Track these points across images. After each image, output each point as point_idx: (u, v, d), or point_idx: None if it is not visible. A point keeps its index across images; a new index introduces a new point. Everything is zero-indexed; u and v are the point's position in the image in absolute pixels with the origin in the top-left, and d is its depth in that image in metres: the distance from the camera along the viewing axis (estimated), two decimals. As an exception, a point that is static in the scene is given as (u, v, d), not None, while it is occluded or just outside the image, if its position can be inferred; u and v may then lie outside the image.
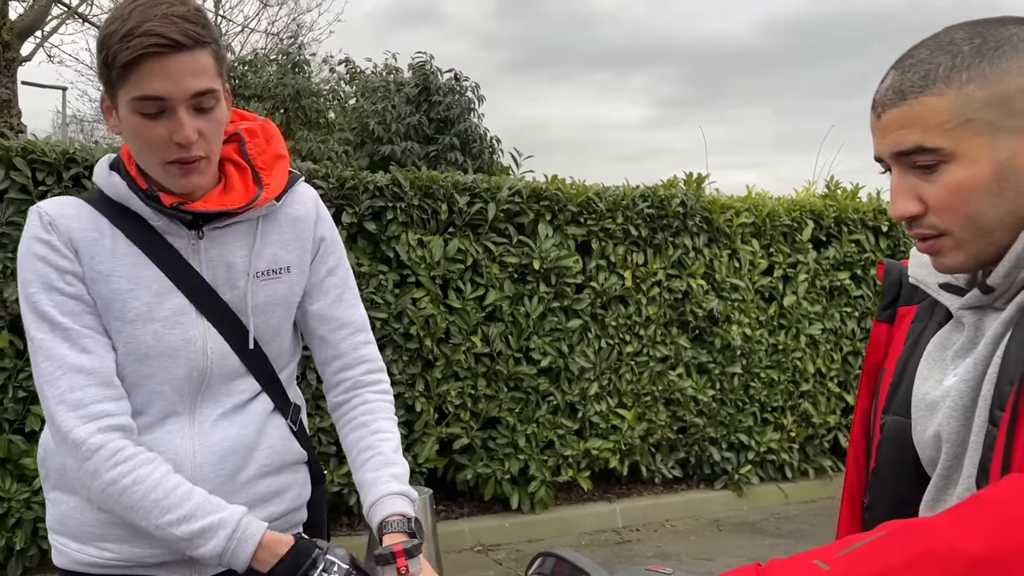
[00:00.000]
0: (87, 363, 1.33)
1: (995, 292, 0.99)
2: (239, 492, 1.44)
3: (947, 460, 1.02)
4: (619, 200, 5.34)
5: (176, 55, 1.25)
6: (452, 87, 7.53)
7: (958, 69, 0.94)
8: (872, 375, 1.19)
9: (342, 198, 4.53)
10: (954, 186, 0.95)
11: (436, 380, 4.81)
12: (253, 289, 1.44)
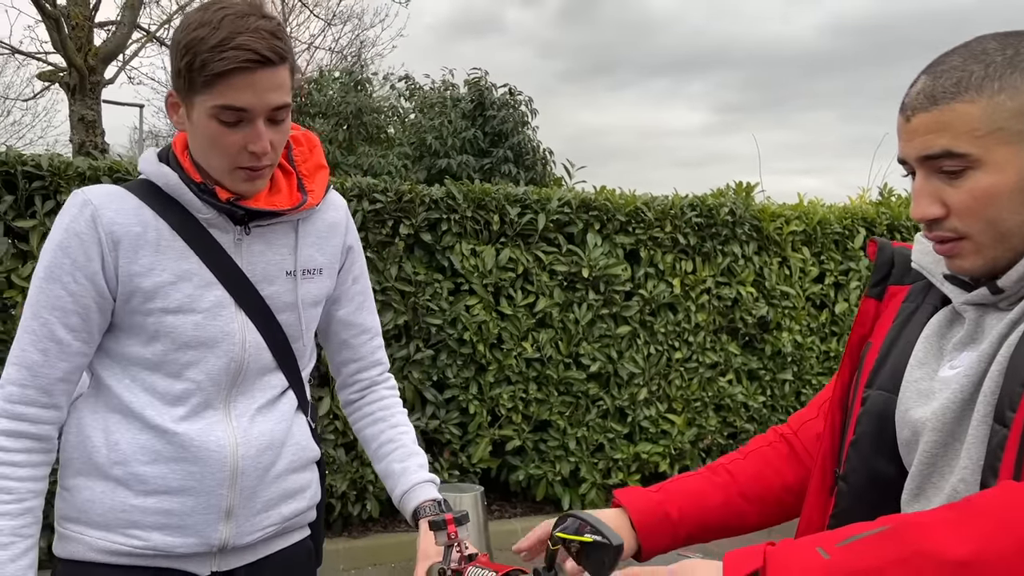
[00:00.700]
0: (38, 363, 1.36)
1: (1003, 294, 1.01)
2: (271, 486, 1.47)
3: (932, 448, 1.03)
4: (667, 209, 5.45)
5: (263, 70, 1.28)
6: (506, 101, 7.74)
7: (990, 78, 0.95)
8: (856, 348, 1.19)
9: (399, 211, 4.76)
10: (979, 192, 0.97)
11: (489, 384, 4.99)
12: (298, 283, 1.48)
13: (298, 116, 7.42)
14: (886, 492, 1.09)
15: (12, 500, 1.33)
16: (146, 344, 1.39)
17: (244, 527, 1.44)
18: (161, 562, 1.42)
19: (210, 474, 1.40)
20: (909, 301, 1.15)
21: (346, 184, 4.68)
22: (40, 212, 4.01)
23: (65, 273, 1.34)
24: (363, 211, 4.66)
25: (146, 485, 1.39)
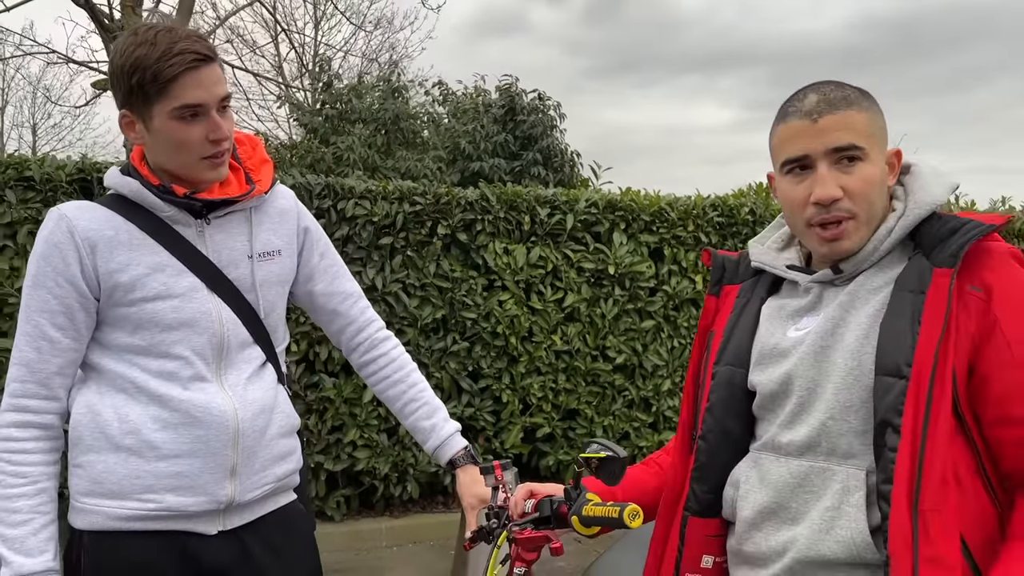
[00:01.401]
0: (34, 360, 1.51)
1: (842, 275, 1.29)
2: (268, 447, 1.63)
3: (802, 395, 1.28)
4: (690, 209, 5.73)
5: (206, 67, 1.48)
6: (536, 106, 8.03)
7: (861, 100, 1.28)
8: (703, 337, 1.45)
9: (437, 212, 5.09)
10: (866, 178, 1.25)
11: (520, 374, 5.30)
12: (255, 267, 1.64)
13: (339, 122, 7.79)
14: (735, 446, 1.36)
15: (27, 483, 1.49)
16: (132, 333, 1.54)
17: (246, 484, 1.59)
18: (173, 524, 1.55)
19: (215, 436, 1.55)
20: (741, 296, 1.43)
21: (388, 188, 5.02)
22: (113, 215, 4.40)
23: (49, 279, 1.50)
24: (404, 212, 4.99)
25: (157, 451, 1.52)
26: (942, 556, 1.11)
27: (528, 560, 1.48)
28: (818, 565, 1.21)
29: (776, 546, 1.26)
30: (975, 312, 1.18)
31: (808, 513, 1.24)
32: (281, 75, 17.07)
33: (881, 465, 1.18)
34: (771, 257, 1.41)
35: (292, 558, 1.68)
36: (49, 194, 4.26)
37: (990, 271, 1.20)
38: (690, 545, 1.37)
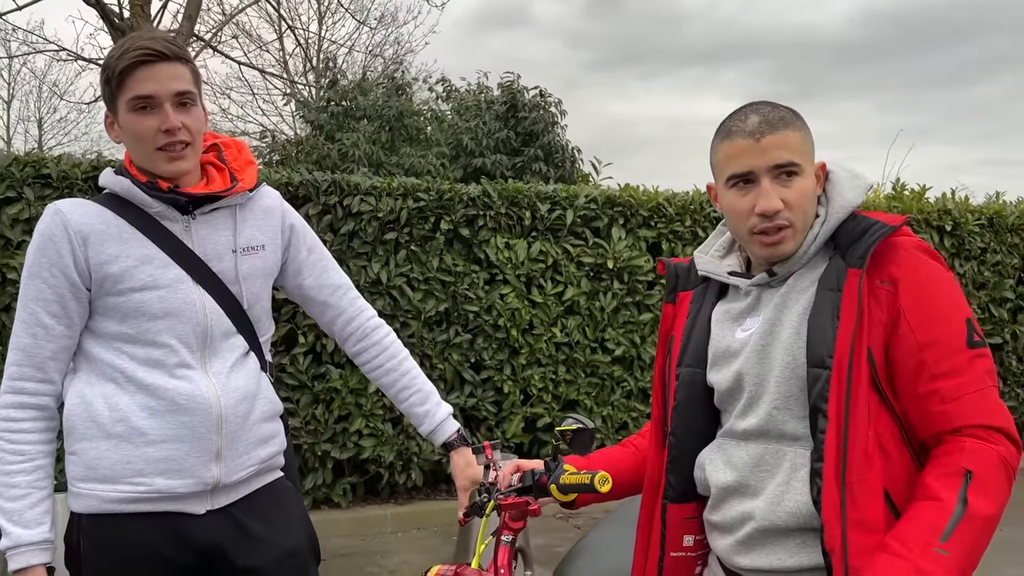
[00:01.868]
0: (29, 345, 1.62)
1: (776, 277, 1.42)
2: (250, 431, 1.71)
3: (751, 389, 1.41)
4: (687, 205, 5.86)
5: (161, 63, 1.58)
6: (537, 103, 8.16)
7: (794, 120, 1.40)
8: (664, 342, 1.57)
9: (440, 208, 5.23)
10: (802, 191, 1.38)
11: (521, 366, 5.45)
12: (239, 261, 1.71)
13: (344, 119, 7.93)
14: (702, 437, 1.50)
15: (25, 460, 1.59)
16: (121, 322, 1.62)
17: (231, 466, 1.67)
18: (163, 505, 1.63)
19: (200, 423, 1.63)
20: (694, 302, 1.56)
21: (392, 184, 5.16)
22: (127, 211, 4.55)
23: (43, 269, 1.60)
24: (408, 208, 5.13)
25: (146, 437, 1.60)
26: (866, 520, 1.28)
27: (515, 528, 1.63)
28: (773, 532, 1.37)
29: (739, 516, 1.41)
30: (885, 303, 1.33)
31: (764, 489, 1.39)
32: (286, 71, 17.21)
33: (815, 446, 1.32)
34: (714, 265, 1.54)
35: (285, 527, 1.75)
36: (66, 191, 4.42)
37: (896, 266, 1.34)
38: (671, 528, 1.52)
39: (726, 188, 1.42)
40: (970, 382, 1.30)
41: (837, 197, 1.42)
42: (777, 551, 1.37)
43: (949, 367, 1.30)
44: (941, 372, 1.30)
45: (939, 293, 1.34)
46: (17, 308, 1.64)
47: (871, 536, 1.27)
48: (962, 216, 6.60)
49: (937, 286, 1.35)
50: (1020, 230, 6.83)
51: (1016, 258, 6.80)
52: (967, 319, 1.34)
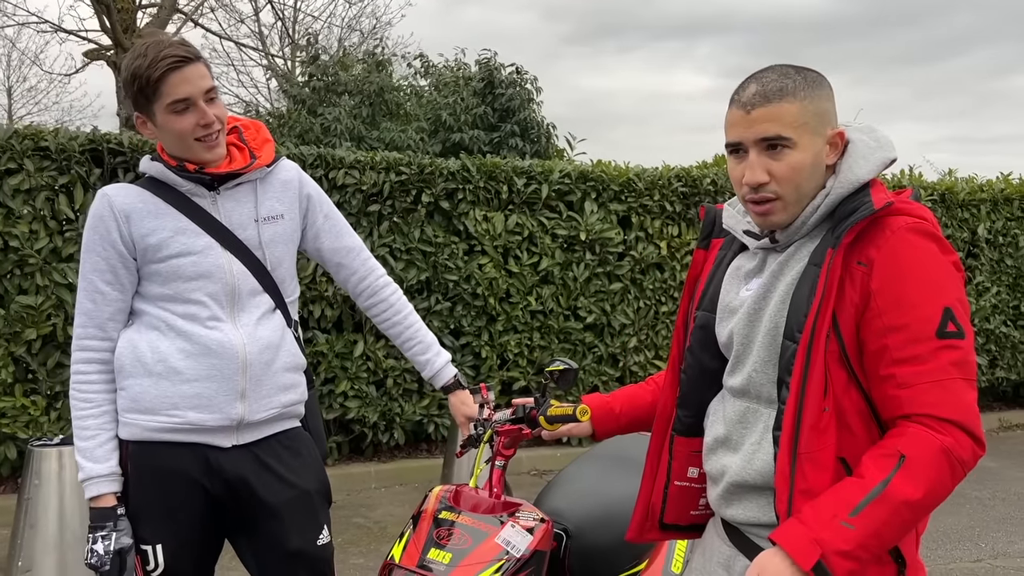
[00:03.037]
0: (91, 310, 1.88)
1: (779, 243, 1.43)
2: (273, 378, 1.94)
3: (738, 349, 1.45)
4: (656, 180, 6.15)
5: (188, 66, 1.79)
6: (513, 80, 8.38)
7: (800, 89, 1.35)
8: (691, 285, 1.59)
9: (421, 181, 5.47)
10: (793, 164, 1.34)
11: (498, 332, 5.74)
12: (261, 229, 1.94)
13: (325, 94, 8.10)
14: (711, 378, 1.55)
15: (93, 406, 1.88)
16: (163, 284, 1.88)
17: (254, 407, 1.91)
18: (194, 436, 1.88)
19: (227, 365, 1.87)
20: (722, 250, 1.58)
21: (376, 158, 5.39)
22: (122, 182, 4.74)
23: (96, 245, 1.87)
24: (390, 182, 5.37)
25: (181, 376, 1.86)
26: (812, 489, 1.30)
27: (506, 455, 1.93)
28: (745, 488, 1.43)
29: (720, 469, 1.48)
30: (859, 284, 1.31)
31: (743, 445, 1.44)
32: (262, 42, 17.18)
33: (777, 414, 1.36)
34: (735, 220, 1.53)
35: (300, 470, 1.98)
36: (64, 163, 4.61)
37: (876, 248, 1.31)
38: (678, 459, 1.59)
39: (728, 154, 1.44)
40: (929, 372, 1.26)
41: (847, 171, 1.37)
42: (750, 506, 1.43)
43: (910, 354, 1.27)
44: (901, 358, 1.27)
45: (915, 278, 1.29)
46: (79, 279, 1.91)
47: None
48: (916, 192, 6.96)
49: (915, 271, 1.29)
50: (970, 206, 7.21)
51: (966, 232, 7.18)
52: (945, 307, 1.28)
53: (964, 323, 1.29)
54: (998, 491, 5.47)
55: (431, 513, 1.83)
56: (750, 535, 1.45)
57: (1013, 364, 7.44)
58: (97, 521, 1.85)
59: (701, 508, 1.64)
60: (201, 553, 1.97)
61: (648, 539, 1.68)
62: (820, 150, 1.37)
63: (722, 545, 1.52)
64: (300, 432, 2.05)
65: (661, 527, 1.65)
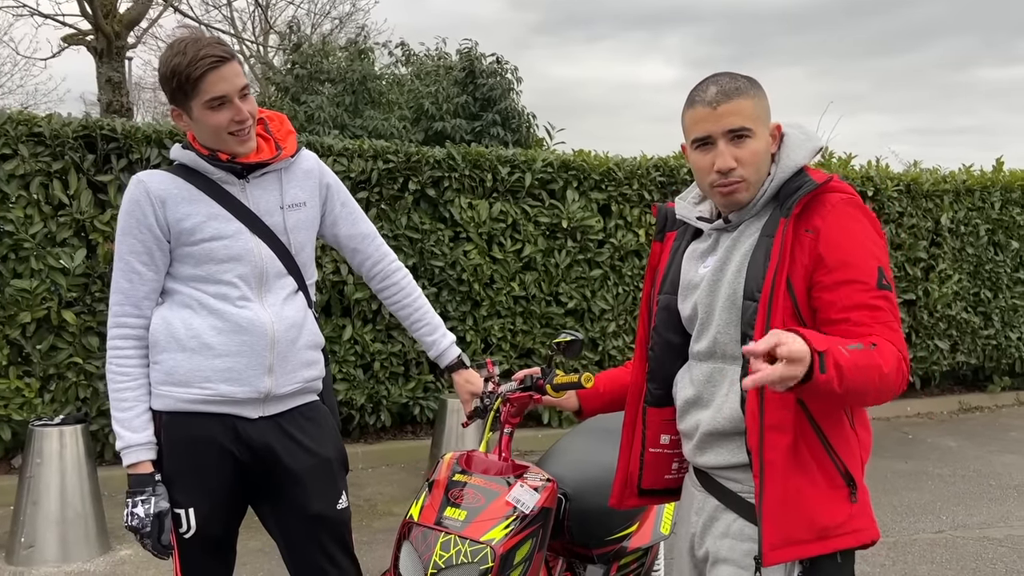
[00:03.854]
0: (127, 289, 1.99)
1: (731, 223, 1.64)
2: (297, 354, 2.06)
3: (702, 318, 1.66)
4: (635, 170, 6.33)
5: (224, 65, 1.89)
6: (494, 70, 8.50)
7: (749, 89, 1.59)
8: (651, 273, 1.81)
9: (408, 169, 5.60)
10: (753, 151, 1.57)
11: (482, 317, 5.89)
12: (286, 215, 2.06)
13: (309, 82, 8.16)
14: (676, 353, 1.75)
15: (130, 379, 1.99)
16: (196, 266, 1.98)
17: (280, 380, 2.03)
18: (224, 408, 2.00)
19: (257, 342, 1.99)
20: (676, 240, 1.80)
21: (363, 146, 5.51)
22: (115, 168, 4.82)
23: (133, 228, 1.97)
24: (378, 169, 5.49)
25: (214, 351, 1.97)
26: (779, 423, 1.50)
27: (513, 423, 2.09)
28: (717, 436, 1.63)
29: (694, 424, 1.68)
30: (808, 248, 1.53)
31: (713, 400, 1.64)
32: (234, 27, 17.12)
33: (743, 365, 1.55)
34: (688, 211, 1.77)
35: (320, 440, 2.12)
36: (58, 148, 4.67)
37: (820, 218, 1.54)
38: (651, 428, 1.79)
39: (692, 149, 1.64)
40: (878, 315, 1.50)
41: (786, 158, 1.61)
42: (721, 451, 1.63)
43: (859, 302, 1.49)
44: (852, 305, 1.49)
45: (856, 243, 1.52)
46: (115, 260, 2.02)
47: (783, 436, 1.50)
48: (883, 183, 7.22)
49: (853, 236, 1.53)
50: (934, 196, 7.48)
51: (930, 221, 7.45)
52: (878, 266, 1.52)
53: (890, 278, 1.54)
54: (958, 468, 5.75)
55: (445, 477, 1.99)
56: (720, 478, 1.66)
57: (973, 349, 7.75)
58: (136, 487, 1.96)
59: (674, 472, 1.83)
60: (228, 517, 2.11)
61: (628, 505, 1.86)
62: (768, 141, 1.61)
63: (695, 492, 1.72)
64: (319, 405, 2.17)
65: (640, 493, 1.83)
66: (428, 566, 1.82)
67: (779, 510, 1.49)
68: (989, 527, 4.55)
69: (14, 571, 3.78)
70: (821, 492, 1.52)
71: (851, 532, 1.54)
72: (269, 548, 4.05)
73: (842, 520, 1.53)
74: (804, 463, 1.52)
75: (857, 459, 1.58)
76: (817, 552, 1.52)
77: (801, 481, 1.51)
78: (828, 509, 1.52)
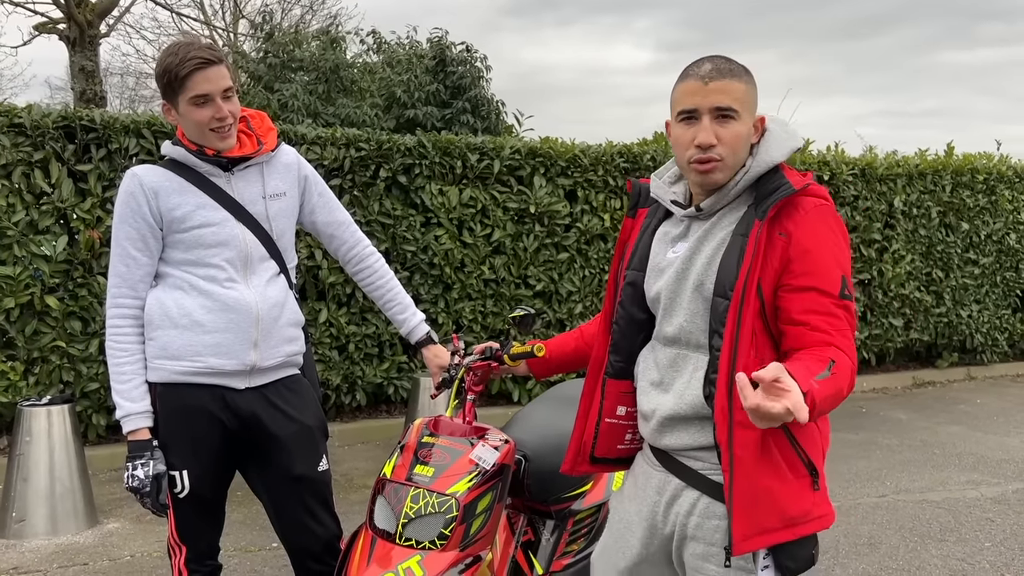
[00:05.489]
0: (124, 272, 2.16)
1: (703, 212, 1.65)
2: (280, 331, 2.24)
3: (666, 303, 1.67)
4: (600, 156, 6.55)
5: (211, 67, 2.08)
6: (464, 58, 8.65)
7: (744, 74, 1.61)
8: (621, 248, 1.82)
9: (380, 157, 5.78)
10: (735, 133, 1.58)
11: (454, 300, 6.10)
12: (268, 204, 2.24)
13: (281, 70, 8.27)
14: (639, 327, 1.78)
15: (128, 354, 2.18)
16: (187, 251, 2.16)
17: (265, 354, 2.22)
18: (214, 379, 2.18)
19: (243, 319, 2.18)
20: (648, 218, 1.81)
21: (336, 134, 5.67)
22: (95, 158, 4.96)
23: (129, 217, 2.15)
24: (351, 157, 5.67)
25: (204, 327, 2.16)
26: (747, 420, 1.50)
27: (476, 391, 2.31)
28: (677, 420, 1.67)
29: (653, 407, 1.71)
30: (779, 252, 1.56)
31: (674, 385, 1.66)
32: (202, 11, 17.05)
33: (711, 359, 1.58)
34: (663, 191, 1.76)
35: (302, 407, 2.31)
36: (39, 139, 4.80)
37: (794, 223, 1.56)
38: (609, 399, 1.81)
39: (676, 122, 1.64)
40: (835, 323, 1.54)
41: (764, 152, 1.63)
42: (683, 435, 1.67)
43: (822, 308, 1.54)
44: (814, 310, 1.54)
45: (823, 251, 1.56)
46: (112, 247, 2.20)
47: (752, 432, 1.53)
48: (838, 167, 7.51)
49: (823, 244, 1.56)
50: (888, 180, 7.79)
51: (884, 204, 7.76)
52: (842, 276, 1.57)
53: (851, 287, 1.60)
54: (905, 439, 6.08)
55: (415, 440, 2.21)
56: (681, 458, 1.70)
57: (925, 326, 8.10)
58: (135, 451, 2.15)
59: (627, 443, 1.88)
60: (218, 479, 2.31)
61: (580, 471, 1.90)
62: (750, 129, 1.63)
63: (654, 472, 1.77)
64: (300, 378, 2.38)
65: (592, 460, 1.88)
66: (400, 516, 2.04)
67: (749, 503, 1.55)
68: (929, 491, 4.86)
69: (6, 544, 3.97)
70: (787, 484, 1.57)
71: (816, 519, 1.61)
72: (250, 520, 4.27)
73: (807, 508, 1.59)
74: (771, 457, 1.56)
75: (819, 449, 1.65)
76: (784, 539, 1.58)
77: (769, 474, 1.56)
78: (794, 499, 1.58)
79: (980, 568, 3.78)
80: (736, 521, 1.54)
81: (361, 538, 2.12)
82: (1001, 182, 8.40)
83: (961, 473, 5.22)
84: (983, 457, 5.58)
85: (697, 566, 1.67)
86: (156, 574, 3.65)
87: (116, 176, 4.99)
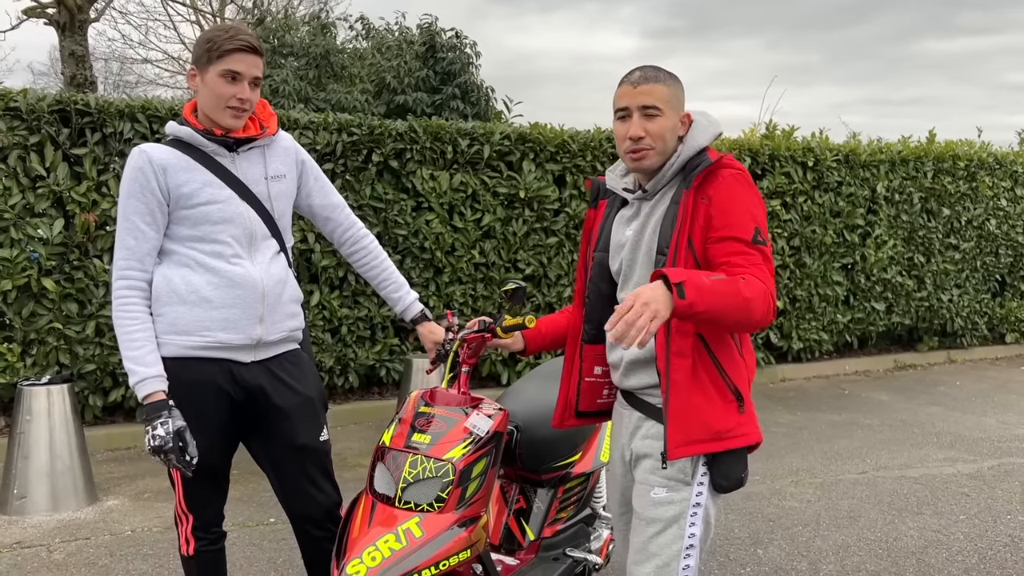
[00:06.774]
0: (132, 245, 2.22)
1: (648, 193, 1.98)
2: (283, 307, 2.33)
3: (625, 270, 2.01)
4: (588, 142, 6.64)
5: (251, 55, 2.22)
6: (454, 44, 8.71)
7: (667, 80, 1.95)
8: (587, 235, 2.15)
9: (372, 142, 5.85)
10: (660, 126, 1.91)
11: (445, 283, 6.20)
12: (270, 185, 2.34)
13: (272, 56, 8.29)
14: (607, 300, 2.11)
15: (138, 322, 2.22)
16: (193, 227, 2.22)
17: (270, 329, 2.31)
18: (221, 353, 2.27)
19: (249, 295, 2.26)
20: (608, 208, 2.15)
21: (328, 119, 5.74)
22: (90, 142, 5.02)
23: (137, 192, 2.21)
24: (343, 142, 5.74)
25: (211, 303, 2.23)
26: (680, 351, 1.85)
27: (470, 363, 2.41)
28: (638, 364, 1.99)
29: (619, 357, 2.05)
30: (703, 212, 1.88)
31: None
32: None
33: None
34: (616, 182, 2.11)
35: (303, 381, 2.40)
36: (34, 123, 4.85)
37: (713, 188, 1.88)
38: (587, 361, 2.16)
39: (615, 120, 1.99)
40: (751, 259, 1.82)
41: (691, 139, 1.96)
42: (642, 375, 2.00)
43: (738, 250, 1.83)
44: (733, 252, 1.82)
45: (737, 206, 1.86)
46: (119, 220, 2.26)
47: (684, 360, 1.85)
48: (822, 154, 7.63)
49: (737, 201, 1.87)
50: (871, 166, 7.92)
51: (867, 190, 7.89)
52: (755, 227, 1.86)
53: (766, 236, 1.87)
54: (886, 419, 6.23)
55: (412, 410, 2.31)
56: (642, 396, 2.02)
57: (907, 310, 8.26)
58: (152, 413, 2.17)
59: (605, 397, 2.21)
60: (224, 449, 2.40)
61: (568, 425, 2.23)
62: (676, 123, 1.96)
63: (623, 410, 2.09)
64: (301, 352, 2.47)
65: (577, 414, 2.20)
66: (399, 481, 2.14)
67: (680, 417, 1.84)
68: (908, 468, 5.01)
69: (8, 520, 4.05)
70: (714, 403, 1.87)
71: (740, 435, 1.90)
72: (247, 496, 4.37)
73: (732, 426, 1.89)
74: (701, 381, 1.87)
75: (744, 378, 1.93)
76: (712, 449, 1.88)
77: (699, 394, 1.86)
78: (720, 417, 1.87)
79: (954, 539, 3.92)
80: (671, 431, 1.84)
81: (362, 503, 2.21)
82: (982, 169, 8.55)
83: (939, 451, 5.38)
84: (960, 436, 5.74)
85: (644, 479, 1.97)
86: (157, 547, 3.75)
87: (111, 160, 5.05)
